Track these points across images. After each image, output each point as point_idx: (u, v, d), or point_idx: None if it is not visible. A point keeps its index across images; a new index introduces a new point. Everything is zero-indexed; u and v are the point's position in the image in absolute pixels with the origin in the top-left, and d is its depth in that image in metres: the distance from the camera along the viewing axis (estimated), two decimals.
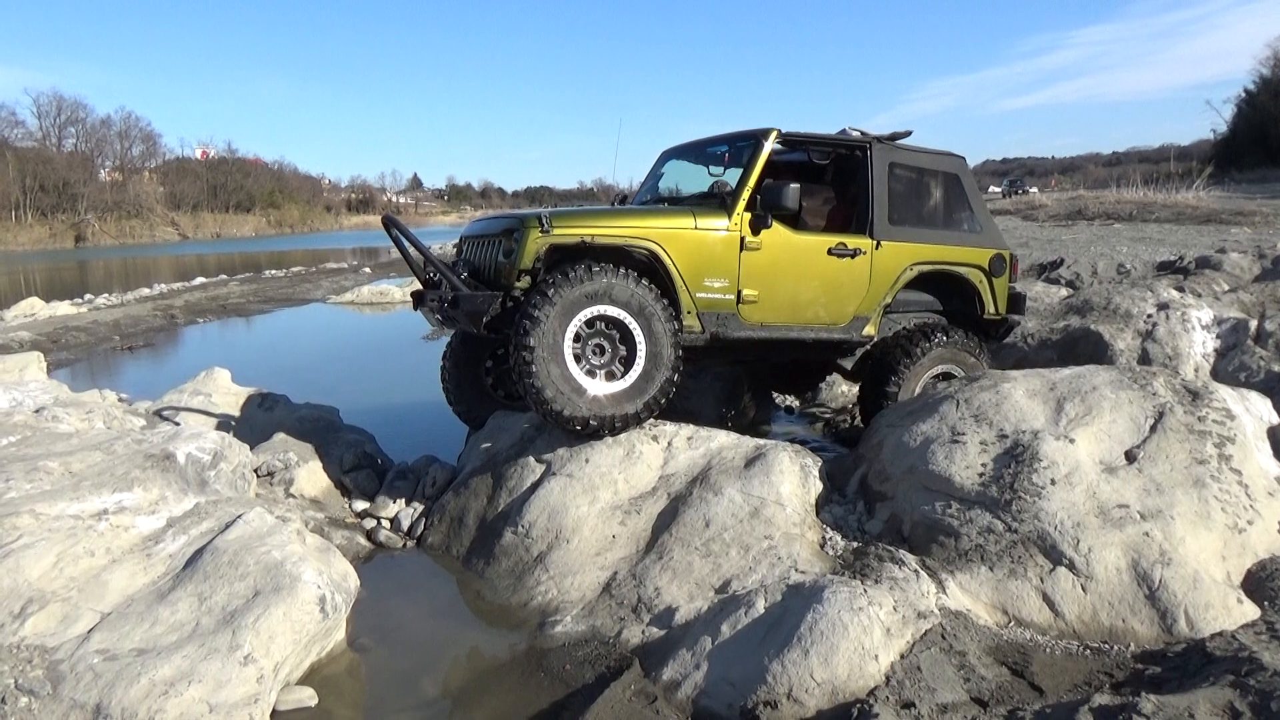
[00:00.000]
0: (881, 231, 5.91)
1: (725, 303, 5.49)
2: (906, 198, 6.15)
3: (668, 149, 7.00)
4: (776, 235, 5.54)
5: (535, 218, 5.07)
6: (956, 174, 6.38)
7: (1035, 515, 4.12)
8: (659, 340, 5.04)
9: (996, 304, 6.41)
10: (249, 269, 33.45)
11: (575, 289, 4.83)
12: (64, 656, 3.35)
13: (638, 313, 5.01)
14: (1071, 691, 3.38)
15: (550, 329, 4.79)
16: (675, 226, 5.34)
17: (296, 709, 3.56)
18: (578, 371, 4.91)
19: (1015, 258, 6.54)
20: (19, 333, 15.56)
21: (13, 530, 3.78)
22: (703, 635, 3.70)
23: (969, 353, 6.18)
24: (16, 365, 9.13)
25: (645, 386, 5.03)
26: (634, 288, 4.97)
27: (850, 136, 6.05)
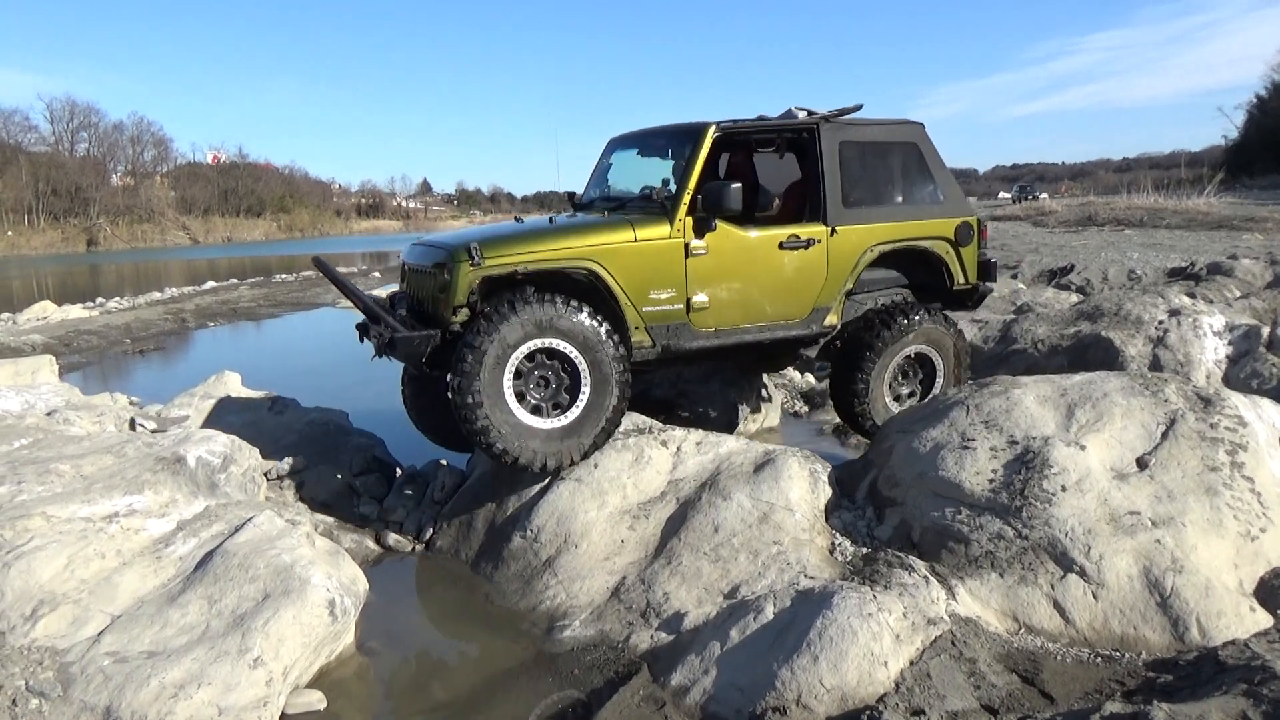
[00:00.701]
0: (836, 216, 5.69)
1: (675, 313, 5.29)
2: (861, 176, 5.87)
3: (615, 137, 6.70)
4: (723, 236, 5.33)
5: (464, 249, 4.80)
6: (914, 143, 6.09)
7: (1046, 522, 4.10)
8: (603, 367, 4.87)
9: (966, 274, 6.21)
10: (259, 273, 33.56)
11: (510, 325, 4.64)
12: (74, 658, 3.37)
13: (579, 342, 4.83)
14: (1083, 699, 3.36)
15: (487, 369, 4.62)
16: (613, 241, 5.10)
17: (305, 712, 3.56)
18: (520, 410, 4.77)
19: (983, 224, 6.33)
20: (31, 336, 15.64)
21: (24, 532, 3.80)
22: (711, 641, 3.70)
23: (942, 333, 6.04)
24: (29, 368, 9.17)
25: (593, 417, 4.90)
26: (573, 317, 4.79)
27: (796, 119, 5.76)
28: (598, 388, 4.88)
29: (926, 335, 5.99)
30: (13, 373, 8.99)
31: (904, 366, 6.11)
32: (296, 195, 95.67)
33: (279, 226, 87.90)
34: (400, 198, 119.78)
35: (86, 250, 63.73)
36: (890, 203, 5.99)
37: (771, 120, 5.74)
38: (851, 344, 5.98)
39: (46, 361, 9.64)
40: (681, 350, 5.38)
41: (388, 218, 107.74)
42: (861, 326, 5.97)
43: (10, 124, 71.09)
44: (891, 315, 5.92)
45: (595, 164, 6.70)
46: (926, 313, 5.98)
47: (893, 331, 5.85)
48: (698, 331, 5.39)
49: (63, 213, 67.81)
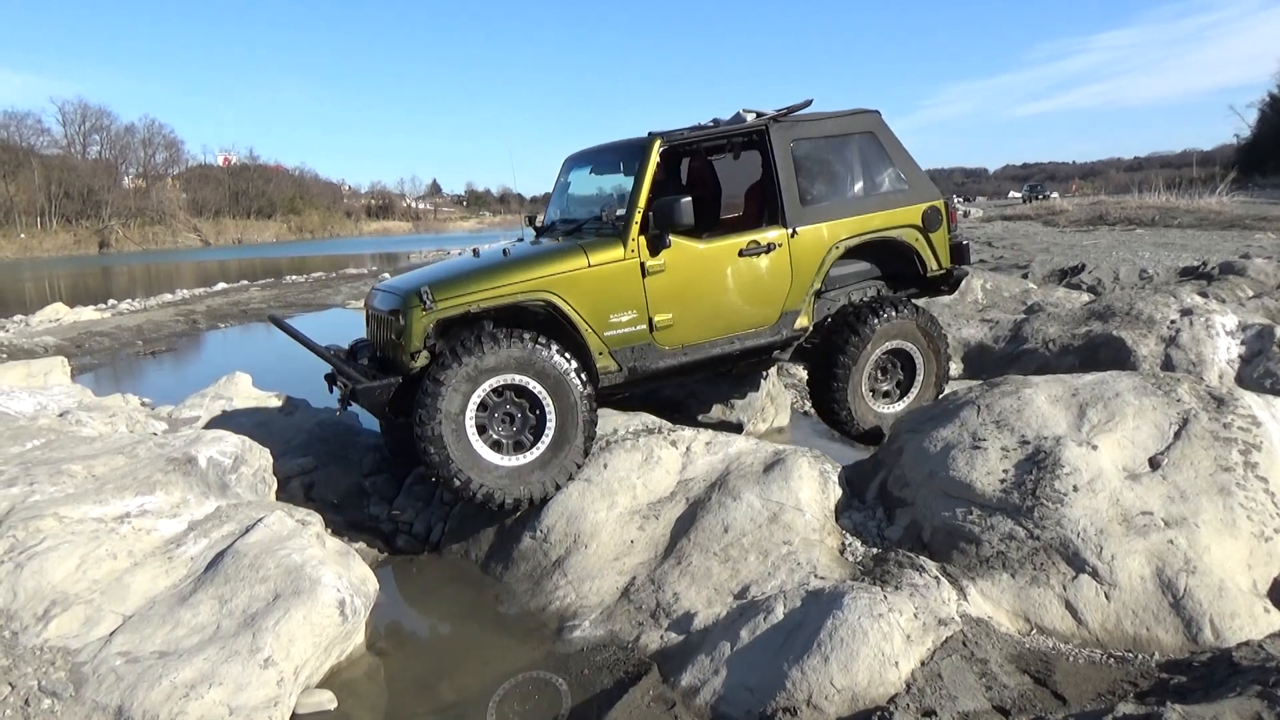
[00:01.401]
0: (795, 217, 5.55)
1: (638, 335, 5.18)
2: (818, 173, 5.74)
3: (571, 155, 6.58)
4: (679, 251, 5.20)
5: (416, 294, 4.74)
6: (871, 131, 5.93)
7: (1058, 522, 4.08)
8: (568, 398, 4.80)
9: (938, 259, 6.08)
10: (270, 274, 33.71)
11: (467, 367, 4.58)
12: (86, 658, 3.38)
13: (540, 375, 4.75)
14: (1095, 700, 3.34)
15: (447, 411, 4.57)
16: (567, 270, 4.98)
17: (316, 712, 3.57)
18: (484, 449, 4.71)
19: (951, 206, 6.17)
20: (44, 338, 15.73)
21: (37, 533, 3.81)
22: (721, 641, 3.69)
23: (918, 325, 5.91)
24: (41, 369, 9.24)
25: (560, 449, 4.81)
26: (531, 352, 4.71)
27: (743, 122, 5.60)
28: (562, 420, 4.80)
29: (902, 330, 5.86)
30: (25, 374, 9.06)
31: (882, 363, 5.99)
32: (307, 197, 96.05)
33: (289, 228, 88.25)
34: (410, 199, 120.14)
35: (98, 252, 64.10)
36: (851, 196, 5.84)
37: (719, 127, 5.59)
38: (826, 345, 5.87)
39: (59, 363, 9.71)
40: (649, 371, 5.27)
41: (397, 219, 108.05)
42: (834, 326, 5.86)
43: (23, 127, 71.72)
44: (864, 313, 5.79)
45: (554, 184, 6.58)
46: (900, 306, 5.87)
47: (867, 329, 5.73)
48: (664, 351, 5.28)
49: (75, 215, 68.24)
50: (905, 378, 6.11)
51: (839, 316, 5.87)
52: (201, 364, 14.11)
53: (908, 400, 6.04)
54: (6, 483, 4.15)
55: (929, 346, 6.01)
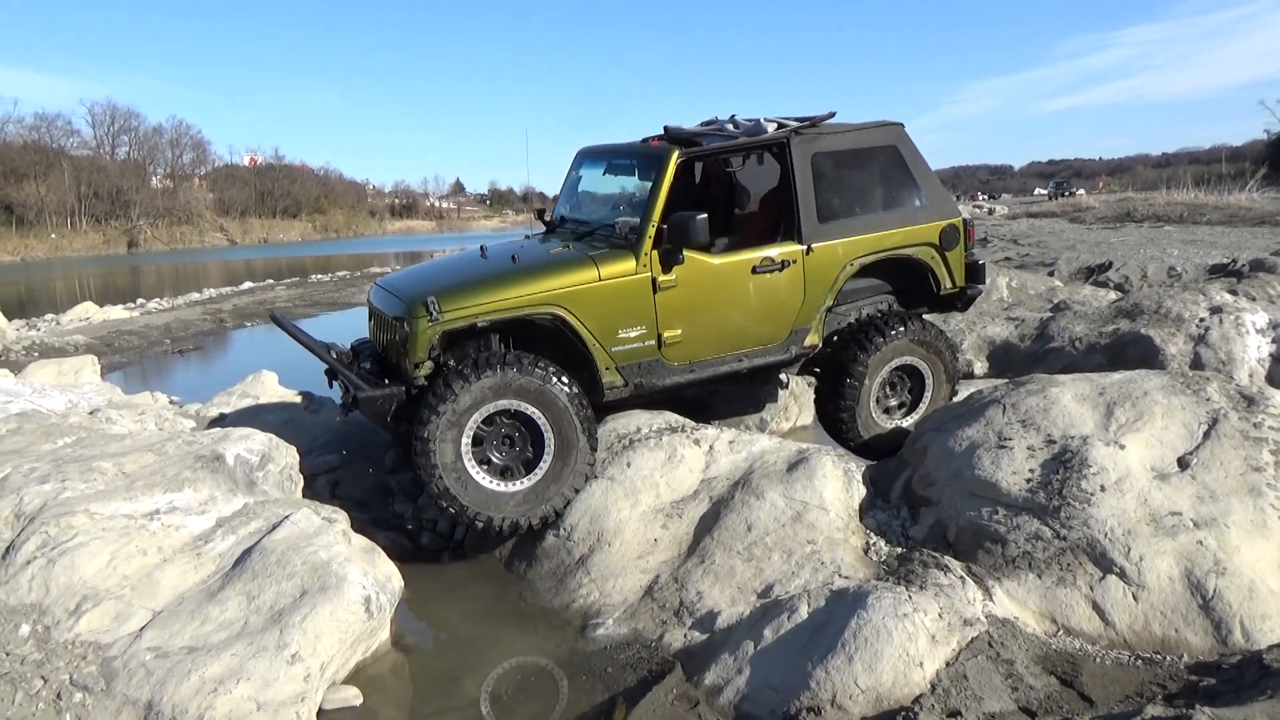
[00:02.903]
0: (811, 234, 5.37)
1: (646, 350, 5.08)
2: (837, 189, 5.49)
3: (584, 148, 6.41)
4: (692, 267, 5.07)
5: (422, 304, 4.65)
6: (894, 145, 5.70)
7: (1085, 522, 4.05)
8: (556, 405, 4.70)
9: (953, 278, 5.88)
10: (295, 274, 33.95)
11: (446, 415, 4.51)
12: (117, 653, 3.42)
13: (520, 393, 4.66)
14: (1123, 703, 3.31)
15: (444, 464, 4.54)
16: (577, 283, 4.86)
17: (342, 708, 3.60)
18: (493, 483, 4.69)
19: (970, 224, 5.95)
20: (74, 336, 15.93)
21: (69, 529, 3.86)
22: (745, 640, 3.69)
23: (929, 342, 5.72)
24: (72, 368, 9.36)
25: (567, 456, 4.75)
26: (532, 378, 4.64)
27: (765, 133, 5.42)
28: (561, 445, 4.73)
29: (913, 346, 5.68)
30: (56, 372, 9.18)
31: (891, 379, 5.80)
32: (331, 196, 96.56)
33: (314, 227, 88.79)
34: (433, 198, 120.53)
35: (127, 252, 64.74)
36: (870, 213, 5.61)
37: (739, 137, 5.43)
38: (835, 360, 5.69)
39: (89, 361, 9.83)
40: (656, 388, 5.18)
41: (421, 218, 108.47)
42: (844, 342, 5.68)
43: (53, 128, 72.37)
44: (875, 328, 5.62)
45: (565, 177, 6.47)
46: (912, 323, 5.68)
47: (877, 345, 5.55)
48: (671, 367, 5.19)
49: (104, 215, 68.93)
50: (914, 393, 5.92)
51: (848, 332, 5.72)
52: (228, 362, 14.25)
53: (915, 416, 5.88)
54: (39, 479, 4.21)
55: (939, 363, 5.82)
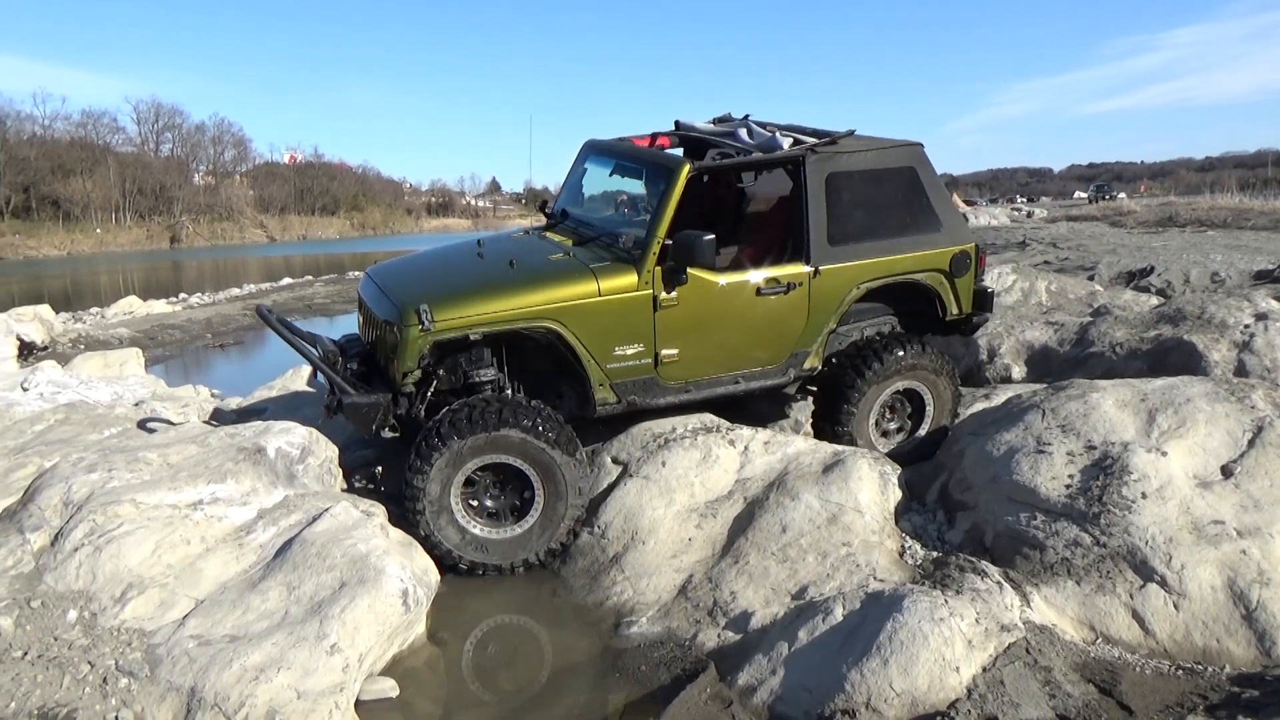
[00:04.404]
0: (820, 257, 5.22)
1: (641, 368, 4.98)
2: (850, 210, 5.31)
3: (591, 141, 6.21)
4: (695, 285, 4.93)
5: (414, 311, 4.56)
6: (911, 167, 5.51)
7: (1125, 529, 3.99)
8: (556, 474, 4.62)
9: (960, 304, 5.73)
10: (333, 270, 34.30)
11: (456, 449, 4.47)
12: (161, 640, 3.48)
13: (527, 457, 4.58)
14: (1163, 713, 3.27)
15: (435, 487, 4.51)
16: (575, 297, 4.75)
17: (379, 699, 3.63)
18: (470, 523, 4.66)
19: (982, 251, 5.80)
20: (119, 329, 16.22)
21: (115, 518, 3.94)
22: (779, 641, 3.68)
23: (932, 367, 5.54)
24: (117, 360, 9.53)
25: (546, 525, 4.69)
26: (522, 434, 4.52)
27: (780, 148, 5.26)
28: (551, 496, 4.66)
29: (915, 371, 5.52)
30: (102, 365, 9.35)
31: (890, 402, 5.66)
32: (369, 194, 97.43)
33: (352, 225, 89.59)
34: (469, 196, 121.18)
35: (170, 247, 65.74)
36: (882, 236, 5.42)
37: (753, 156, 5.30)
38: (835, 379, 5.54)
39: (134, 354, 10.01)
40: (649, 406, 5.10)
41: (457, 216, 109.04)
42: (843, 364, 5.52)
43: (99, 126, 73.86)
44: (874, 352, 5.44)
45: (570, 168, 6.30)
46: (912, 346, 5.49)
47: (875, 369, 5.39)
48: (666, 386, 5.10)
49: (148, 211, 70.06)
50: (913, 417, 5.76)
51: (847, 355, 5.57)
52: (267, 357, 14.42)
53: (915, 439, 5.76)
54: (86, 469, 4.29)
55: (939, 387, 5.66)
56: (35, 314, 14.53)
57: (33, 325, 13.90)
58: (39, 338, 13.87)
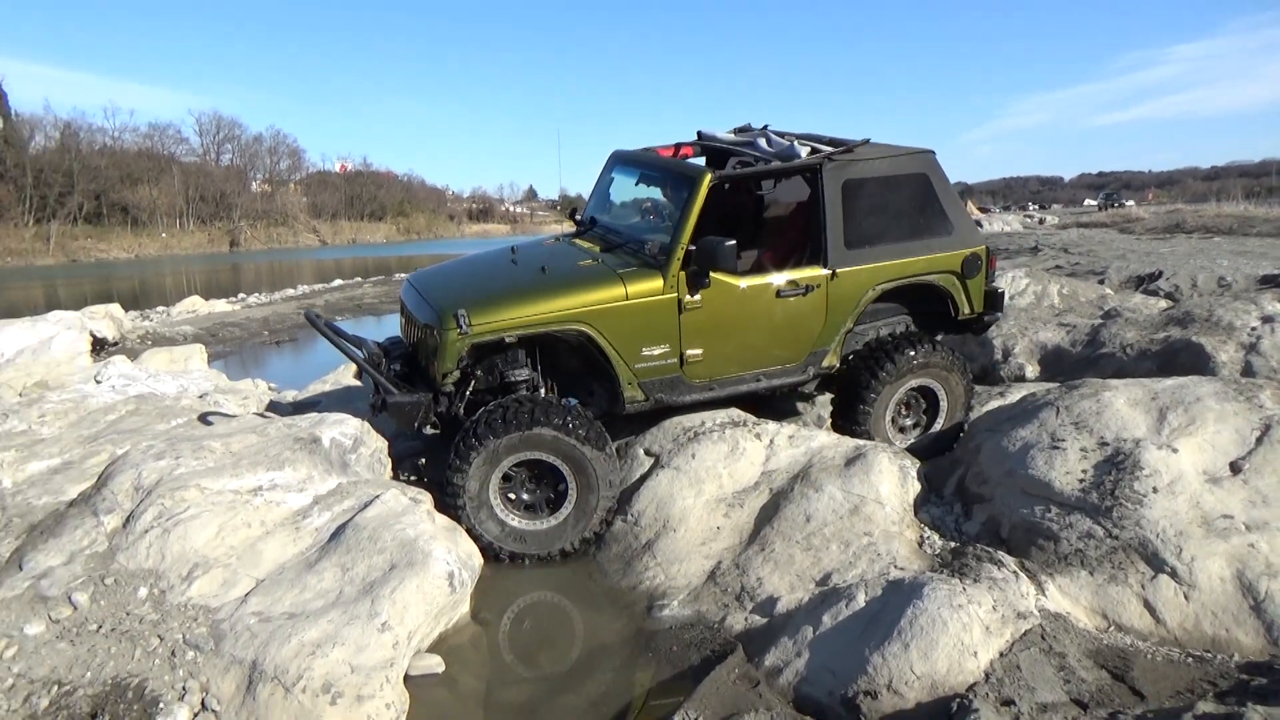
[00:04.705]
0: (838, 260, 5.23)
1: (668, 367, 5.00)
2: (865, 215, 5.31)
3: (618, 152, 6.24)
4: (717, 288, 4.94)
5: (453, 316, 4.63)
6: (924, 173, 5.50)
7: (1137, 522, 3.93)
8: (587, 468, 4.64)
9: (971, 305, 5.71)
10: (381, 272, 34.56)
11: (493, 448, 4.52)
12: (225, 616, 3.52)
13: (560, 454, 4.61)
14: (1174, 698, 3.21)
15: (475, 484, 4.56)
16: (604, 301, 4.78)
17: (426, 674, 3.65)
18: (508, 516, 4.69)
19: (992, 254, 5.79)
20: (183, 327, 16.44)
21: (182, 502, 3.99)
22: (804, 625, 3.66)
23: (946, 365, 5.51)
24: (182, 355, 9.66)
25: (580, 517, 4.71)
26: (554, 432, 4.55)
27: (798, 157, 5.25)
28: (583, 491, 4.68)
29: (929, 369, 5.49)
30: (169, 359, 9.48)
31: (906, 399, 5.62)
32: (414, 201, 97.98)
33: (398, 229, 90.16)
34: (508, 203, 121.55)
35: (229, 250, 66.49)
36: (896, 239, 5.43)
37: (772, 164, 5.29)
38: (852, 378, 5.53)
39: (197, 350, 10.14)
40: (675, 403, 5.12)
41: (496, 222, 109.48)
42: (859, 362, 5.52)
43: (165, 137, 74.78)
44: (889, 351, 5.44)
45: (598, 177, 6.33)
46: (925, 345, 5.48)
47: (891, 368, 5.38)
48: (691, 384, 5.11)
49: (209, 216, 70.90)
50: (928, 414, 5.74)
51: (863, 353, 5.56)
52: (320, 353, 14.54)
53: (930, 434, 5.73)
54: (155, 456, 4.35)
55: (953, 384, 5.63)
56: (107, 312, 14.76)
57: (104, 323, 14.12)
58: (110, 334, 14.09)
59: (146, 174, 66.39)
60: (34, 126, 62.81)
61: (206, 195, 70.62)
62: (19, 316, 10.64)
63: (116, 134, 71.30)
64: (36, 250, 54.54)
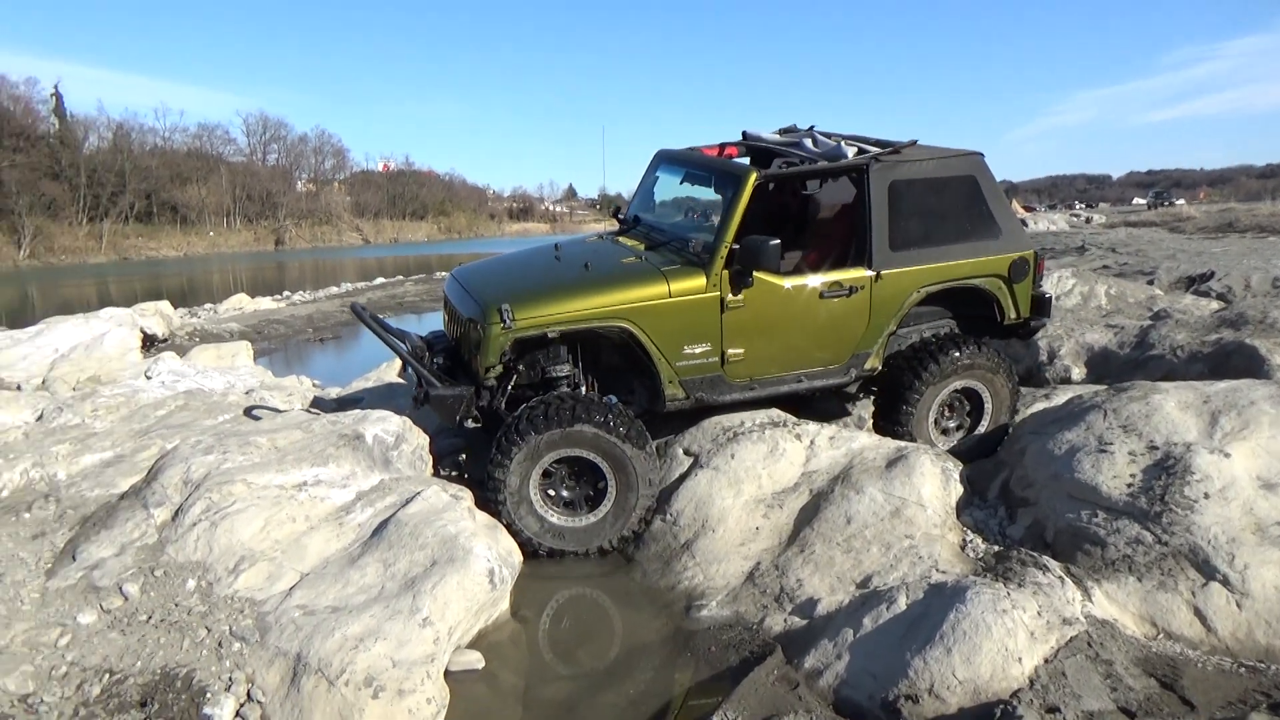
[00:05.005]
0: (882, 262, 5.17)
1: (709, 366, 4.98)
2: (911, 217, 5.24)
3: (663, 151, 6.25)
4: (760, 288, 4.91)
5: (496, 310, 4.65)
6: (972, 175, 5.42)
7: (1187, 528, 3.85)
8: (627, 466, 4.64)
9: (1018, 309, 5.62)
10: (422, 270, 34.88)
11: (534, 444, 4.54)
12: (270, 609, 3.58)
13: (600, 452, 4.62)
14: (1225, 709, 3.14)
15: (515, 479, 4.58)
16: (647, 298, 4.77)
17: (466, 670, 3.68)
18: (548, 512, 4.71)
19: (1040, 257, 5.67)
20: (230, 324, 16.72)
21: (229, 496, 4.06)
22: (844, 627, 3.63)
23: (991, 367, 5.42)
24: (229, 352, 9.83)
25: (619, 514, 4.72)
26: (594, 429, 4.56)
27: (844, 157, 5.21)
28: (623, 488, 4.69)
29: (974, 370, 5.41)
30: (216, 356, 9.66)
31: (950, 400, 5.55)
32: (455, 200, 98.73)
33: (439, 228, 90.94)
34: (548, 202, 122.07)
35: (274, 249, 67.50)
36: (942, 242, 5.34)
37: (818, 164, 5.24)
38: (895, 378, 5.46)
39: (244, 347, 10.31)
40: (716, 402, 5.10)
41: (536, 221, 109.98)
42: (905, 361, 5.45)
43: (213, 138, 76.13)
44: (932, 353, 5.37)
45: (642, 176, 6.31)
46: (968, 346, 5.39)
47: (933, 369, 5.31)
48: (732, 383, 5.09)
49: (255, 215, 72.05)
50: (973, 415, 5.65)
51: (906, 355, 5.50)
52: (363, 350, 14.72)
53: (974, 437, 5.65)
54: (203, 450, 4.43)
55: (997, 386, 5.53)
56: (156, 309, 15.06)
57: (154, 319, 14.41)
58: (160, 331, 14.38)
59: (195, 174, 67.64)
60: (88, 128, 64.25)
61: (253, 194, 71.75)
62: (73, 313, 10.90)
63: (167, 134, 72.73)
64: (90, 248, 55.84)
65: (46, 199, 54.11)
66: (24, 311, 23.30)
